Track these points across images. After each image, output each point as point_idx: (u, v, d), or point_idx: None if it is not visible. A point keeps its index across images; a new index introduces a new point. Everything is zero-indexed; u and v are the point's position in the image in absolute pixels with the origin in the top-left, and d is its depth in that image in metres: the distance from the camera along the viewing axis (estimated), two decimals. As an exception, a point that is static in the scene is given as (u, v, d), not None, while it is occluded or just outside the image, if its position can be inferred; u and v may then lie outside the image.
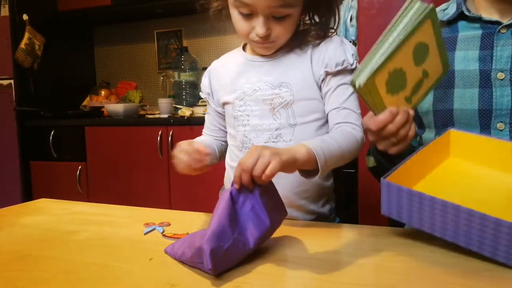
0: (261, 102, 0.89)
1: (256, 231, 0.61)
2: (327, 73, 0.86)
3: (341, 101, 0.85)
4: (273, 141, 0.88)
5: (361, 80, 0.61)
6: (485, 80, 0.82)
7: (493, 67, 0.82)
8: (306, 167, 0.71)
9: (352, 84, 0.62)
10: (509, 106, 0.80)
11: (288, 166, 0.65)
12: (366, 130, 0.74)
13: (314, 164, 0.70)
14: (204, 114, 1.07)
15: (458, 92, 0.85)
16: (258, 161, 0.62)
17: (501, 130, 0.81)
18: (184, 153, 0.78)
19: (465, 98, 0.84)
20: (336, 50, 0.86)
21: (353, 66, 0.86)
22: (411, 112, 0.69)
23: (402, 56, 0.62)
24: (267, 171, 0.61)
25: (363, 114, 0.87)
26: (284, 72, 0.88)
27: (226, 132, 0.99)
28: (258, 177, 0.61)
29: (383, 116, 0.67)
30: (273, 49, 0.88)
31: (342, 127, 0.83)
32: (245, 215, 0.62)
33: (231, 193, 0.62)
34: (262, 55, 0.91)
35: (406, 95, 0.69)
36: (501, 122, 0.81)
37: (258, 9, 0.79)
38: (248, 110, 0.90)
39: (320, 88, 0.88)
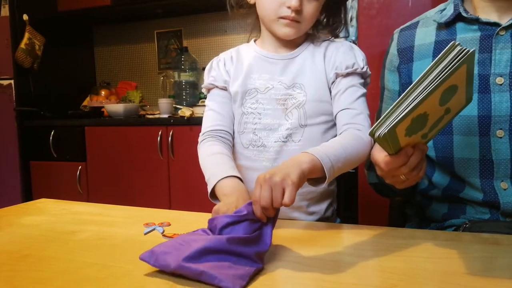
0: (274, 102, 0.88)
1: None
2: (337, 75, 0.87)
3: (349, 102, 0.85)
4: (283, 141, 0.87)
5: (381, 131, 0.57)
6: (484, 85, 0.80)
7: (491, 72, 0.79)
8: (314, 176, 0.69)
9: (371, 134, 0.58)
10: (508, 113, 0.78)
11: (300, 184, 0.64)
12: (375, 164, 0.69)
13: (321, 171, 0.68)
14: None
15: None
16: (273, 192, 0.61)
17: (501, 138, 0.79)
18: None
19: None
20: (346, 54, 0.87)
21: (363, 70, 0.87)
22: (425, 149, 0.65)
23: (429, 102, 0.56)
24: (287, 201, 0.60)
25: (372, 115, 0.87)
26: (297, 73, 0.88)
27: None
28: (278, 207, 0.61)
29: (397, 159, 0.63)
30: (296, 32, 0.86)
31: (349, 130, 0.81)
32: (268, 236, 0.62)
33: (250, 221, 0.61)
34: (276, 52, 0.90)
35: (423, 133, 0.63)
36: (501, 129, 0.78)
37: None
38: (260, 108, 0.89)
39: (330, 90, 0.88)
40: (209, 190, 0.79)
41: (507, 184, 0.79)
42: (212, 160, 0.84)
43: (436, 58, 0.55)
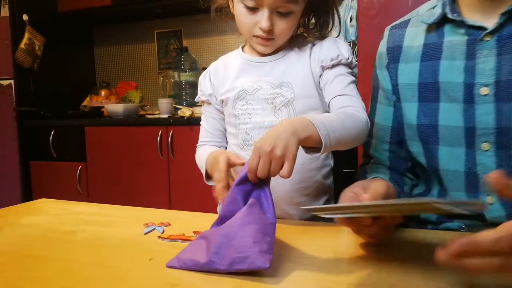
0: (263, 101, 0.89)
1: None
2: (323, 68, 0.87)
3: (340, 89, 0.85)
4: None
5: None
6: (469, 95, 0.75)
7: (476, 81, 0.74)
8: (308, 144, 0.69)
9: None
10: (493, 125, 0.72)
11: (297, 152, 0.66)
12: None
13: (317, 139, 0.68)
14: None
15: (443, 106, 0.78)
16: (271, 164, 0.63)
17: (486, 151, 0.74)
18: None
19: (451, 114, 0.77)
20: (329, 47, 0.88)
21: (349, 60, 0.87)
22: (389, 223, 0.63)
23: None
24: (286, 174, 0.63)
25: (364, 102, 0.87)
26: (284, 72, 0.89)
27: (226, 135, 1.00)
28: (273, 176, 0.64)
29: (349, 224, 0.62)
30: (272, 47, 0.89)
31: (345, 109, 0.81)
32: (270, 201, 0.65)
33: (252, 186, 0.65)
34: (262, 56, 0.92)
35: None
36: (486, 141, 0.74)
37: (265, 2, 0.80)
38: (249, 108, 0.90)
39: (319, 85, 0.89)
40: (203, 173, 0.88)
41: (493, 198, 0.75)
42: (202, 154, 0.92)
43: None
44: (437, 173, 0.81)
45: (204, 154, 0.90)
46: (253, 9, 0.82)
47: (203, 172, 0.88)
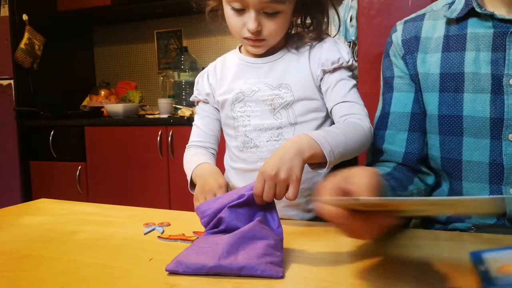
0: (261, 103, 0.89)
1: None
2: (324, 72, 0.87)
3: (342, 95, 0.85)
4: (275, 139, 0.88)
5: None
6: (497, 86, 0.75)
7: (505, 72, 0.75)
8: (313, 161, 0.70)
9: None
10: None
11: (302, 172, 0.67)
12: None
13: (321, 156, 0.69)
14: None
15: (468, 97, 0.78)
16: (276, 188, 0.64)
17: None
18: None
19: (476, 104, 0.77)
20: (330, 49, 0.87)
21: (349, 63, 0.87)
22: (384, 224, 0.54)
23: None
24: (292, 197, 0.64)
25: (365, 102, 0.86)
26: (283, 73, 0.89)
27: (218, 138, 0.99)
28: (279, 199, 0.66)
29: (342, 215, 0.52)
30: (264, 48, 0.88)
31: (347, 119, 0.81)
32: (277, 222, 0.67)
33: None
34: (259, 57, 0.91)
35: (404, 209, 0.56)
36: None
37: (250, 4, 0.79)
38: (248, 110, 0.90)
39: (319, 88, 0.88)
40: (188, 180, 0.89)
41: None
42: (191, 158, 0.93)
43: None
44: (458, 166, 0.81)
45: (194, 159, 0.91)
46: (240, 11, 0.82)
47: (188, 178, 0.89)
